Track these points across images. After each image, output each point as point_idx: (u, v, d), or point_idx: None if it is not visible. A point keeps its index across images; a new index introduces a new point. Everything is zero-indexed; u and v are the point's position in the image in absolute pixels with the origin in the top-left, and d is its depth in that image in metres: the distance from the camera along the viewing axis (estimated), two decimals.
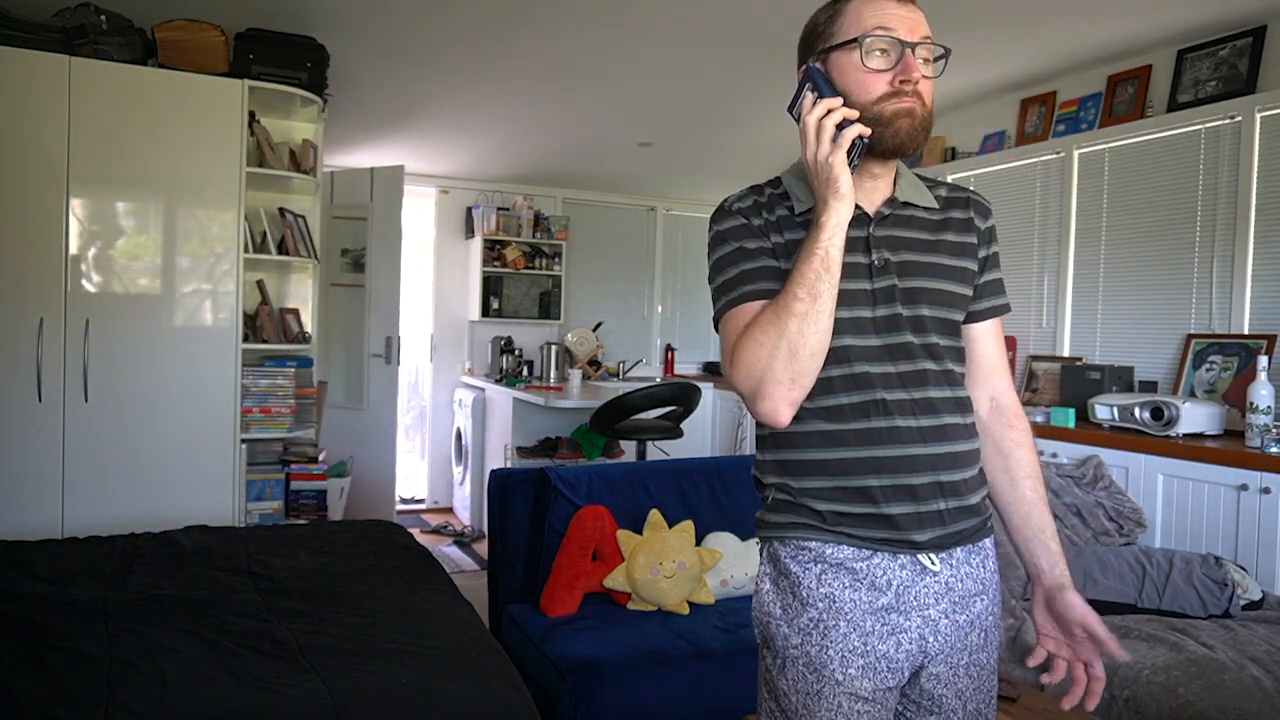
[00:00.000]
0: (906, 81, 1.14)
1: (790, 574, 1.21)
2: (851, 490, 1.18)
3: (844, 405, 1.18)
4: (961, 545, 1.21)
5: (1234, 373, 3.26)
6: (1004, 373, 1.35)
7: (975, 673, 1.23)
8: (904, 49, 1.15)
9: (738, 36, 3.61)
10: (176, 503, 3.31)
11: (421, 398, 6.57)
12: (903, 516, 1.17)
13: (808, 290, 1.11)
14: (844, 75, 1.17)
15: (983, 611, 1.23)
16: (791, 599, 1.21)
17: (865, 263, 1.20)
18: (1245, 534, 2.78)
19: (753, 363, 1.13)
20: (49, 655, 1.89)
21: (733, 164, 5.92)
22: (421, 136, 5.26)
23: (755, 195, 1.27)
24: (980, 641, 1.23)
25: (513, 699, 1.87)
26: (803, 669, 1.19)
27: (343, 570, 2.61)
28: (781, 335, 1.11)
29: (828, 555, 1.19)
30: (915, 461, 1.17)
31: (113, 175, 3.23)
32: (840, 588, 1.18)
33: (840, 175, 1.12)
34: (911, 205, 1.25)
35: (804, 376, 1.13)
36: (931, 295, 1.21)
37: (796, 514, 1.22)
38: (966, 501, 1.21)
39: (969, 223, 1.28)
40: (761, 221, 1.23)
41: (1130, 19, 3.41)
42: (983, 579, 1.24)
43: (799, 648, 1.19)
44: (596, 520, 2.68)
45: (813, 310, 1.11)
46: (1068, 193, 3.99)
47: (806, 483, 1.21)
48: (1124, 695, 2.10)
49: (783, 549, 1.23)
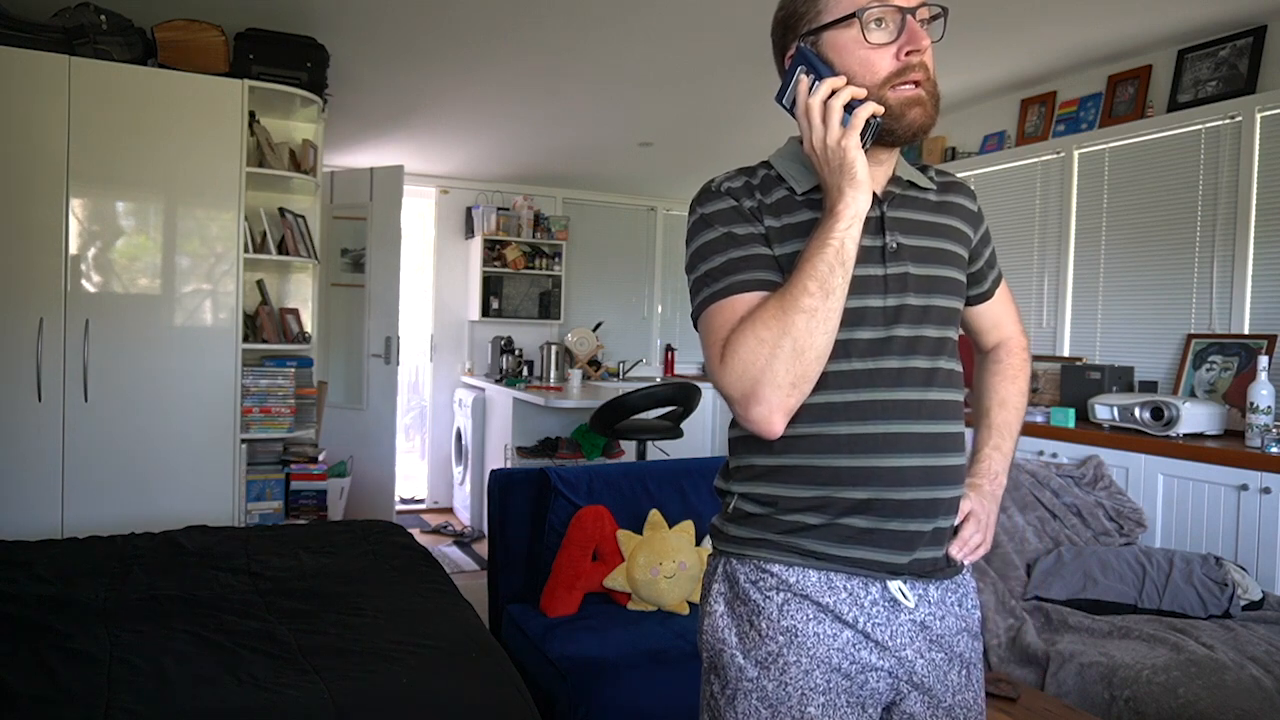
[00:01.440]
0: (915, 52, 1.04)
1: (749, 600, 1.10)
2: (835, 501, 1.07)
3: (836, 404, 1.07)
4: (938, 579, 1.12)
5: (1234, 373, 3.26)
6: (1013, 322, 1.35)
7: (960, 714, 1.15)
8: (904, 15, 1.04)
9: (738, 36, 3.61)
10: (176, 503, 3.31)
11: (421, 398, 6.58)
12: (884, 534, 1.07)
13: (819, 284, 0.99)
14: (843, 56, 1.06)
15: (965, 650, 1.15)
16: (749, 628, 1.10)
17: (878, 245, 1.09)
18: (1245, 534, 2.78)
19: (750, 362, 1.00)
20: (49, 655, 1.89)
21: (733, 164, 5.84)
22: (421, 136, 5.27)
23: (746, 176, 1.15)
24: (962, 681, 1.15)
25: (513, 699, 1.87)
26: (756, 703, 1.08)
27: (343, 570, 2.61)
28: (786, 332, 0.99)
29: (791, 583, 1.08)
30: (912, 474, 1.07)
31: (113, 175, 3.23)
32: (804, 620, 1.07)
33: (856, 159, 1.02)
34: (915, 186, 1.17)
35: (804, 382, 1.01)
36: (945, 284, 1.13)
37: (761, 528, 1.10)
38: (949, 522, 1.13)
39: (963, 208, 1.21)
40: (754, 204, 1.11)
41: (1130, 19, 3.41)
42: (963, 615, 1.16)
43: (754, 681, 1.09)
44: (596, 520, 2.68)
45: (823, 307, 0.99)
46: (1068, 193, 3.99)
47: (783, 491, 1.09)
48: (1124, 695, 2.10)
49: (741, 568, 1.12)
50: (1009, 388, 1.30)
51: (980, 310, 1.32)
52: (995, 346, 1.35)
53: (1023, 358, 1.33)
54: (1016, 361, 1.32)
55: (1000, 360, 1.33)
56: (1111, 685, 2.14)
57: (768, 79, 4.15)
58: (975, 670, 1.17)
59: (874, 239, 1.10)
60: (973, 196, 1.25)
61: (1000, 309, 1.33)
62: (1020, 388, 1.30)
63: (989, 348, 1.35)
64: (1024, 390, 1.31)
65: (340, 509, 4.10)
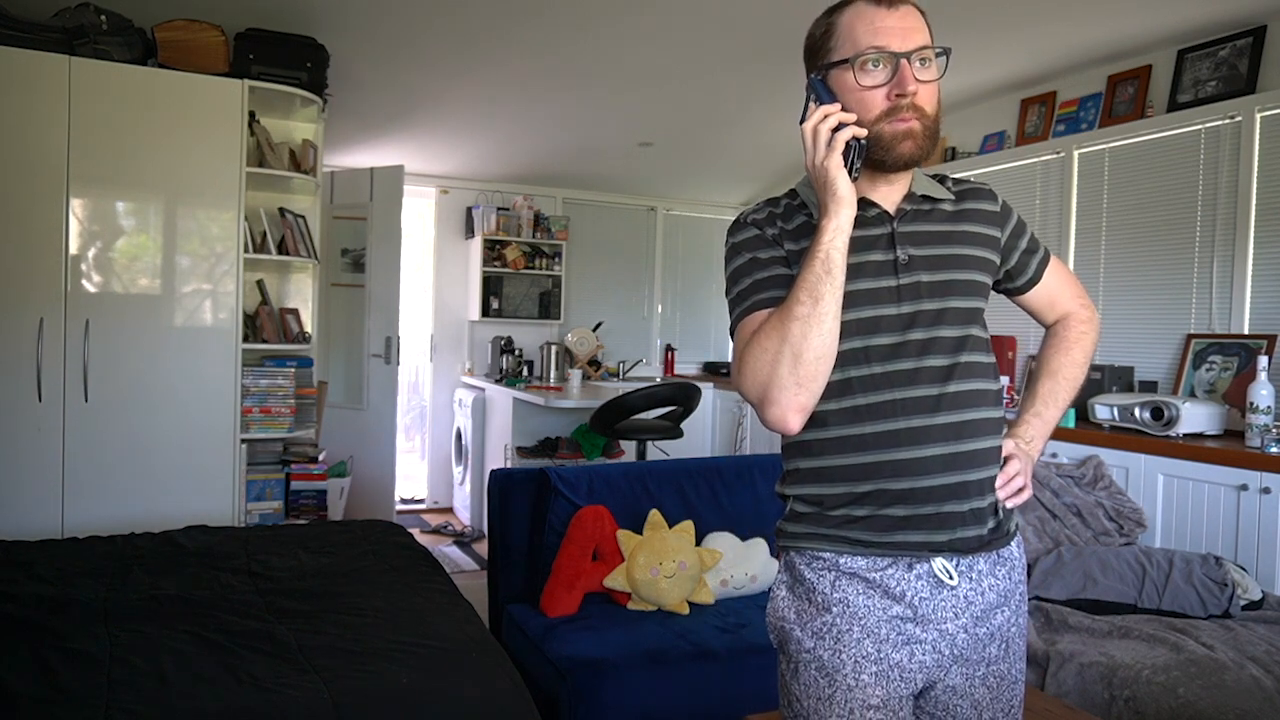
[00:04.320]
0: (902, 95, 1.13)
1: (805, 580, 1.22)
2: (870, 494, 1.17)
3: (860, 406, 1.18)
4: (984, 553, 1.20)
5: (1234, 373, 3.26)
6: (1072, 297, 1.40)
7: (994, 683, 1.23)
8: (898, 60, 1.13)
9: (738, 37, 3.61)
10: (176, 503, 3.31)
11: (421, 398, 6.57)
12: (921, 518, 1.16)
13: (809, 293, 1.10)
14: (844, 93, 1.17)
15: (1004, 623, 1.23)
16: (807, 604, 1.21)
17: (889, 259, 1.19)
18: (1245, 534, 2.78)
19: (757, 369, 1.13)
20: (49, 655, 1.89)
21: (732, 164, 5.92)
22: (421, 136, 5.26)
23: (770, 207, 1.27)
24: (1000, 653, 1.23)
25: (513, 699, 1.87)
26: (815, 673, 1.19)
27: (343, 570, 2.61)
28: (784, 340, 1.11)
29: (842, 565, 1.19)
30: (934, 462, 1.16)
31: (113, 175, 3.23)
32: (855, 594, 1.18)
33: (837, 178, 1.12)
34: (930, 199, 1.25)
35: (811, 381, 1.12)
36: (961, 287, 1.21)
37: (813, 524, 1.22)
38: (988, 501, 1.20)
39: (984, 212, 1.28)
40: (776, 230, 1.23)
41: (1130, 19, 3.41)
42: (1005, 590, 1.23)
43: (811, 651, 1.19)
44: (596, 520, 2.68)
45: (814, 313, 1.10)
46: (1068, 193, 3.99)
47: (826, 489, 1.20)
48: (1124, 695, 2.10)
49: (799, 558, 1.24)
50: (1060, 358, 1.37)
51: (1032, 295, 1.38)
52: (1056, 322, 1.41)
53: (1080, 330, 1.38)
54: (1072, 334, 1.38)
55: (1057, 334, 1.40)
56: (1111, 685, 2.14)
57: (767, 80, 4.17)
58: (1015, 643, 1.25)
59: (886, 254, 1.20)
60: (992, 198, 1.32)
61: (1055, 288, 1.39)
62: (1074, 358, 1.37)
63: (1050, 324, 1.41)
64: (1078, 360, 1.37)
65: (340, 509, 4.10)
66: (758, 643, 2.39)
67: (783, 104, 4.49)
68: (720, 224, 6.67)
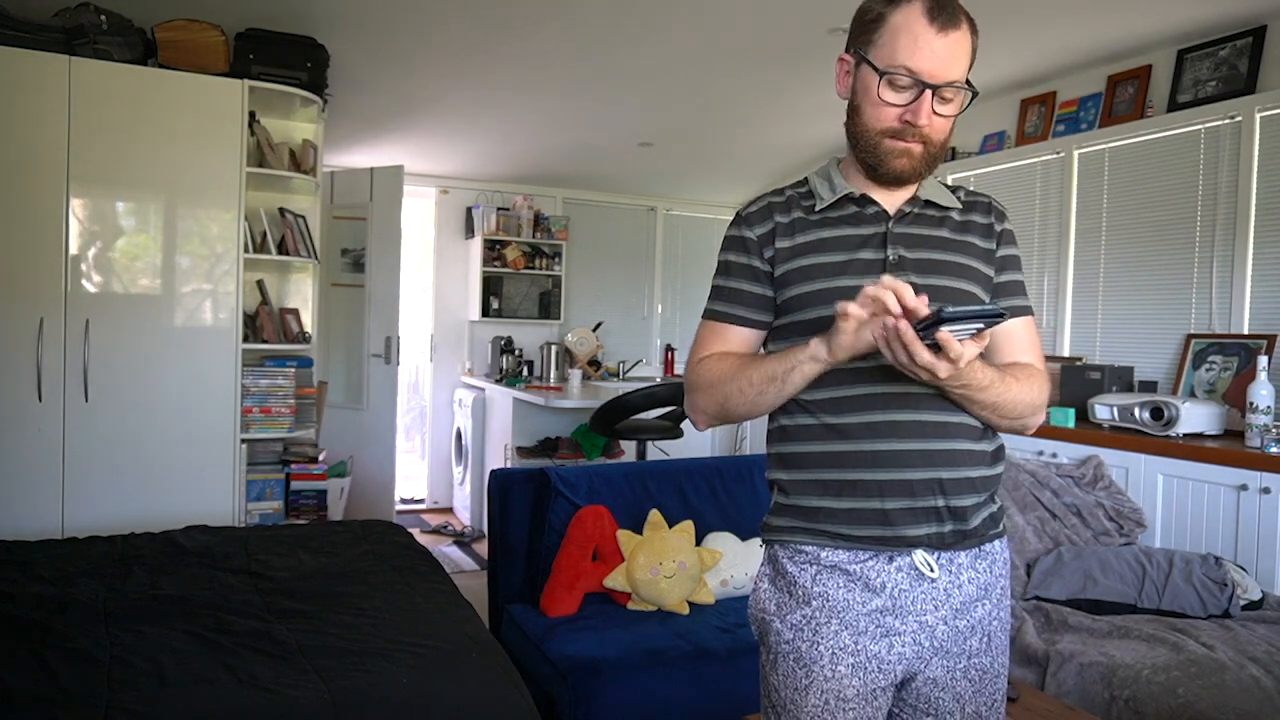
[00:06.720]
0: (912, 125, 1.14)
1: (787, 574, 1.23)
2: (847, 484, 1.18)
3: (842, 398, 1.19)
4: (965, 547, 1.20)
5: (1234, 373, 3.26)
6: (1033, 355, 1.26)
7: (976, 676, 1.23)
8: (923, 90, 1.13)
9: (738, 37, 3.61)
10: (176, 503, 3.31)
11: (421, 398, 6.57)
12: (897, 511, 1.16)
13: (755, 387, 1.18)
14: (862, 93, 1.17)
15: (985, 616, 1.23)
16: (787, 597, 1.23)
17: (879, 258, 1.19)
18: (1245, 534, 2.78)
19: (699, 386, 1.26)
20: (49, 655, 1.89)
21: (732, 164, 5.92)
22: (421, 136, 5.26)
23: (773, 197, 1.27)
24: (981, 646, 1.23)
25: (513, 699, 1.87)
26: (792, 664, 1.20)
27: (343, 570, 2.61)
28: (725, 394, 1.22)
29: (823, 558, 1.20)
30: (913, 457, 1.16)
31: (113, 175, 3.23)
32: (835, 587, 1.19)
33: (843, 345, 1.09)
34: (934, 204, 1.24)
35: (728, 420, 1.26)
36: (950, 294, 1.20)
37: (792, 517, 1.23)
38: (968, 500, 1.19)
39: (989, 228, 1.27)
40: (768, 228, 1.24)
41: (1130, 19, 3.41)
42: (985, 583, 1.23)
43: (790, 643, 1.21)
44: (596, 520, 2.68)
45: (750, 399, 1.20)
46: (1068, 193, 3.99)
47: (802, 475, 1.22)
48: (1124, 695, 2.10)
49: (782, 551, 1.25)
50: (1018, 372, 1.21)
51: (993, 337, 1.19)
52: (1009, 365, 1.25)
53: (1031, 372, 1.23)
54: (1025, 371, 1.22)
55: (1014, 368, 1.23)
56: (1111, 685, 2.14)
57: (768, 81, 4.17)
58: (998, 637, 1.25)
59: (876, 253, 1.20)
60: (1003, 217, 1.29)
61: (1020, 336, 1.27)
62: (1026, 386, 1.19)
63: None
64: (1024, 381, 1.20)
65: (340, 509, 4.10)
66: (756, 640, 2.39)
67: (783, 104, 4.49)
68: (720, 224, 6.66)
